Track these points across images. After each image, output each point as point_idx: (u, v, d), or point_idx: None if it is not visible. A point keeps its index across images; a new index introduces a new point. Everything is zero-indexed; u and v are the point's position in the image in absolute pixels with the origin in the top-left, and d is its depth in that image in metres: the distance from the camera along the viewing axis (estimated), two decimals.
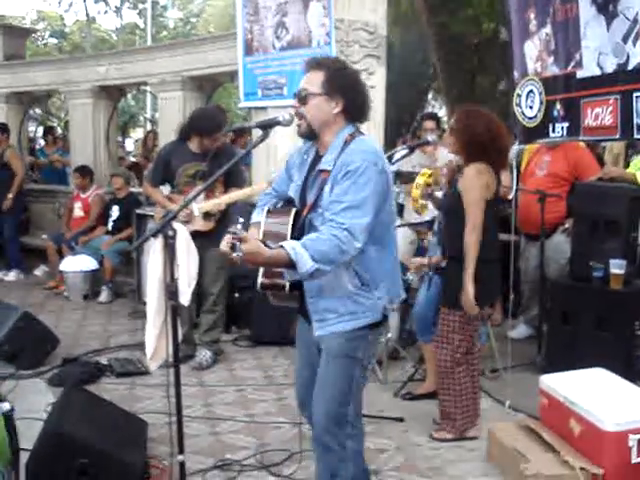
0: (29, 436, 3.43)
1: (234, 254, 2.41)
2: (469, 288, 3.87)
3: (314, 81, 2.76)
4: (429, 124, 5.93)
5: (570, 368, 4.08)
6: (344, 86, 2.76)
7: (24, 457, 3.20)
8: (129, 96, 25.36)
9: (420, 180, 4.45)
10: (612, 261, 4.76)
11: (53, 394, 4.67)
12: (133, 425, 3.94)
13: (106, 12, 37.33)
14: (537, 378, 4.06)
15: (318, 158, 2.82)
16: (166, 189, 5.66)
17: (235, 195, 5.16)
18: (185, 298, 3.35)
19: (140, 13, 37.56)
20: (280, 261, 2.49)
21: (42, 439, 3.32)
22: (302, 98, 2.76)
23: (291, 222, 2.75)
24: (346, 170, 2.63)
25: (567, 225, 5.65)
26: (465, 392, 4.09)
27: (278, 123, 2.81)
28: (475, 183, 3.89)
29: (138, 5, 37.47)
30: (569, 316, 5.03)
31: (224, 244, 2.52)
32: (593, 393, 3.64)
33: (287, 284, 2.69)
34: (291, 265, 2.47)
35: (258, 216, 2.92)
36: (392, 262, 2.86)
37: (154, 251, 2.96)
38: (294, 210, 2.80)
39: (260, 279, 2.71)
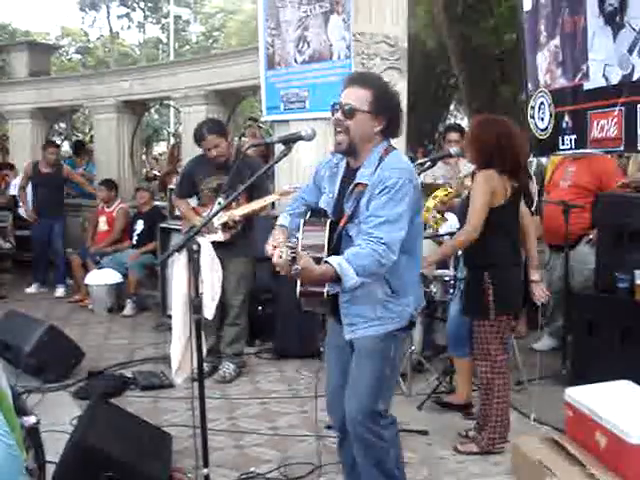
0: (55, 449, 3.46)
1: (293, 268, 2.44)
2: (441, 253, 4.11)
3: (361, 98, 2.83)
4: (453, 136, 5.93)
5: (595, 380, 4.03)
6: (389, 107, 2.86)
7: (50, 470, 3.24)
8: (152, 110, 25.64)
9: (440, 193, 4.47)
10: (638, 272, 4.72)
11: (79, 407, 4.70)
12: (158, 438, 3.95)
13: (129, 27, 37.89)
14: (562, 390, 4.01)
15: (351, 171, 2.91)
16: (194, 201, 5.71)
17: (249, 206, 5.17)
18: (209, 312, 3.38)
19: (163, 28, 37.98)
20: (328, 276, 2.58)
21: (68, 452, 3.35)
22: (349, 112, 2.81)
23: (327, 233, 2.81)
24: (384, 185, 2.73)
25: (591, 236, 5.60)
26: (503, 405, 4.06)
27: (300, 138, 2.85)
28: (479, 189, 3.90)
29: (161, 20, 37.89)
30: (594, 328, 4.97)
31: (279, 258, 2.48)
32: (619, 406, 3.60)
33: (326, 293, 2.75)
34: (337, 279, 2.56)
35: (284, 220, 3.06)
36: (417, 273, 2.99)
37: (178, 266, 2.99)
38: (329, 221, 2.86)
39: (299, 288, 2.76)
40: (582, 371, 4.93)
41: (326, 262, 2.57)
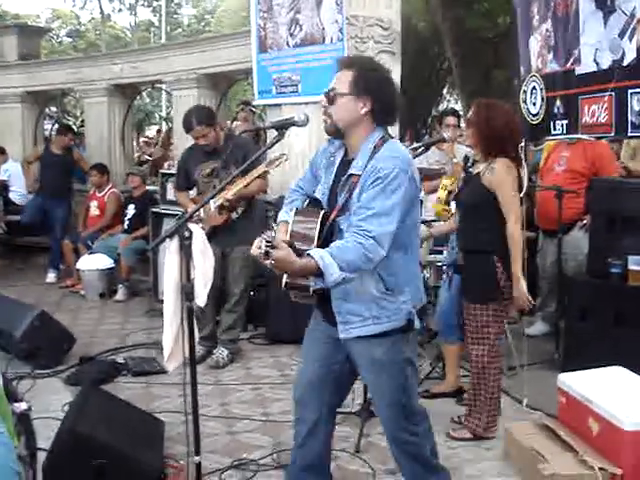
0: (46, 436, 3.46)
1: (266, 261, 2.40)
2: (521, 282, 3.85)
3: (343, 80, 2.73)
4: (451, 120, 5.89)
5: (588, 366, 4.03)
6: (372, 86, 2.72)
7: (42, 457, 3.22)
8: (144, 94, 25.48)
9: (447, 182, 4.43)
10: (631, 257, 4.71)
11: (70, 393, 4.68)
12: (150, 425, 3.94)
13: (120, 10, 37.61)
14: (555, 376, 4.02)
15: (347, 161, 2.80)
16: (194, 193, 5.69)
17: (239, 184, 5.04)
18: (201, 299, 3.34)
19: (154, 10, 37.71)
20: (309, 270, 2.49)
21: (59, 439, 3.33)
22: (330, 98, 2.73)
23: (319, 224, 2.72)
24: (376, 176, 2.61)
25: (585, 221, 5.60)
26: (496, 390, 4.06)
27: (294, 124, 2.81)
28: (508, 177, 3.86)
29: (152, 2, 37.61)
30: (587, 313, 4.97)
31: (256, 249, 2.49)
32: (612, 392, 3.60)
33: (311, 288, 2.68)
34: (319, 274, 2.48)
35: (286, 215, 2.91)
36: (415, 268, 2.87)
37: (170, 252, 2.96)
38: (322, 212, 2.77)
39: (285, 279, 2.69)
40: (575, 357, 4.93)
41: (308, 255, 2.48)
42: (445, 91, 21.55)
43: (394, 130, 6.40)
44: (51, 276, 8.71)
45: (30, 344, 5.28)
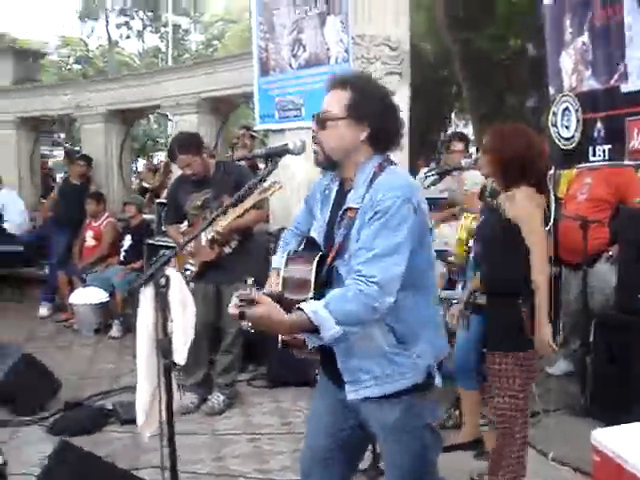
0: None
1: (242, 323, 2.05)
2: (546, 329, 3.42)
3: (337, 102, 2.34)
4: (458, 146, 5.54)
5: (619, 413, 3.66)
6: (372, 109, 2.33)
7: None
8: (151, 119, 25.34)
9: (467, 222, 4.04)
10: None
11: (52, 444, 4.27)
12: None
13: (128, 37, 37.69)
14: (581, 423, 3.64)
15: (343, 193, 2.40)
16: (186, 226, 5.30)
17: (231, 215, 4.65)
18: (180, 357, 2.94)
19: (162, 37, 37.83)
20: (301, 326, 2.12)
21: None
22: (321, 121, 2.34)
23: (314, 269, 2.33)
24: (375, 210, 2.22)
25: (612, 252, 5.20)
26: (522, 444, 3.62)
27: (288, 152, 2.40)
28: (533, 209, 3.44)
29: (160, 29, 37.77)
30: (617, 354, 4.59)
31: (232, 307, 2.11)
32: None
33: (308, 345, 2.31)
34: (314, 330, 2.10)
35: (278, 261, 2.52)
36: (432, 311, 2.45)
37: (144, 300, 2.57)
38: (318, 255, 2.37)
39: (280, 336, 2.35)
40: (604, 402, 4.57)
41: (299, 308, 2.11)
42: (454, 115, 21.31)
43: (404, 157, 6.06)
44: (43, 310, 8.35)
45: (11, 389, 4.96)
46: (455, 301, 4.65)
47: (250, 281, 2.09)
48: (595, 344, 4.89)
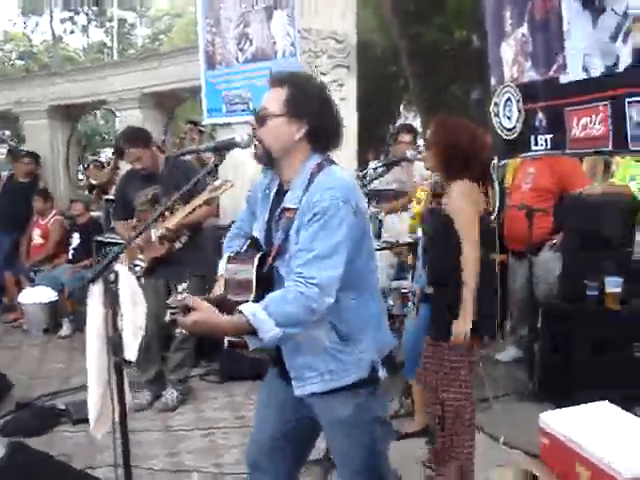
0: None
1: (177, 331, 2.04)
2: (467, 324, 3.45)
3: (275, 99, 2.34)
4: (406, 137, 5.58)
5: (566, 397, 3.76)
6: (309, 107, 2.33)
7: None
8: (98, 115, 24.94)
9: (421, 194, 4.07)
10: (608, 279, 4.45)
11: (2, 445, 4.22)
12: None
13: (72, 32, 36.99)
14: (530, 408, 3.72)
15: (282, 193, 2.41)
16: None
17: (181, 212, 4.57)
18: (131, 353, 2.92)
19: (107, 31, 37.23)
20: (241, 328, 2.12)
21: None
22: (260, 118, 2.34)
23: (255, 269, 2.33)
24: (313, 211, 2.22)
25: (555, 241, 5.30)
26: (471, 430, 3.68)
27: (235, 145, 2.41)
28: (466, 205, 3.48)
29: (105, 23, 37.15)
30: (562, 340, 4.70)
31: (167, 316, 2.11)
32: (601, 433, 3.25)
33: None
34: (253, 332, 2.10)
35: (222, 264, 2.51)
36: (375, 308, 2.47)
37: (92, 297, 2.55)
38: (258, 255, 2.38)
39: (226, 338, 2.33)
40: (550, 388, 4.68)
41: (239, 311, 2.11)
42: (402, 108, 21.41)
43: (352, 151, 6.09)
44: None
45: None
46: (404, 290, 4.72)
47: (181, 288, 2.11)
48: (541, 332, 5.01)
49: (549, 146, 4.17)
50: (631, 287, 4.60)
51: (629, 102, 3.75)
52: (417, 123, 16.46)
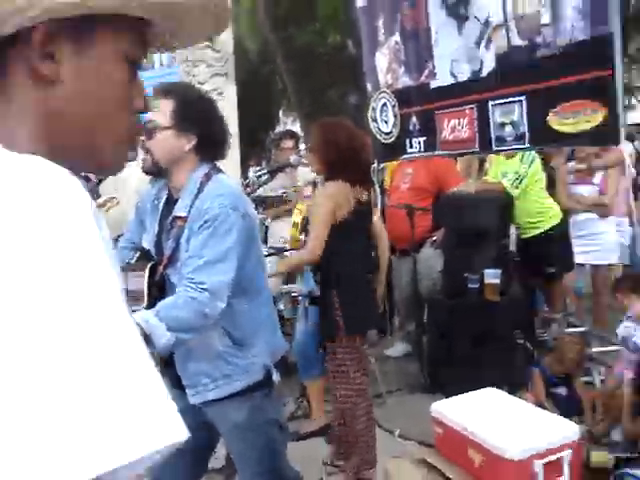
0: None
1: None
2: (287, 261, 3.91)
3: (163, 111, 2.35)
4: (288, 143, 5.65)
5: (455, 386, 3.87)
6: (198, 118, 2.36)
7: None
8: None
9: (297, 219, 4.16)
10: (487, 271, 4.66)
11: None
12: None
13: None
14: (422, 400, 3.85)
15: (171, 203, 2.42)
16: None
17: None
18: None
19: None
20: None
21: None
22: (148, 131, 2.34)
23: (146, 279, 2.35)
24: (203, 219, 2.25)
25: (435, 238, 5.51)
26: (368, 424, 3.80)
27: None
28: (322, 206, 3.58)
29: None
30: (447, 333, 4.88)
31: None
32: (489, 418, 3.41)
33: None
34: (146, 339, 2.09)
35: None
36: (267, 312, 2.52)
37: None
38: (150, 264, 2.39)
39: None
40: (440, 378, 4.85)
41: None
42: (281, 113, 21.48)
43: (235, 159, 6.11)
44: None
45: None
46: (294, 294, 4.79)
47: None
48: (428, 326, 5.18)
49: (422, 148, 4.32)
50: (508, 278, 4.86)
51: (492, 105, 3.96)
52: (296, 128, 16.62)
